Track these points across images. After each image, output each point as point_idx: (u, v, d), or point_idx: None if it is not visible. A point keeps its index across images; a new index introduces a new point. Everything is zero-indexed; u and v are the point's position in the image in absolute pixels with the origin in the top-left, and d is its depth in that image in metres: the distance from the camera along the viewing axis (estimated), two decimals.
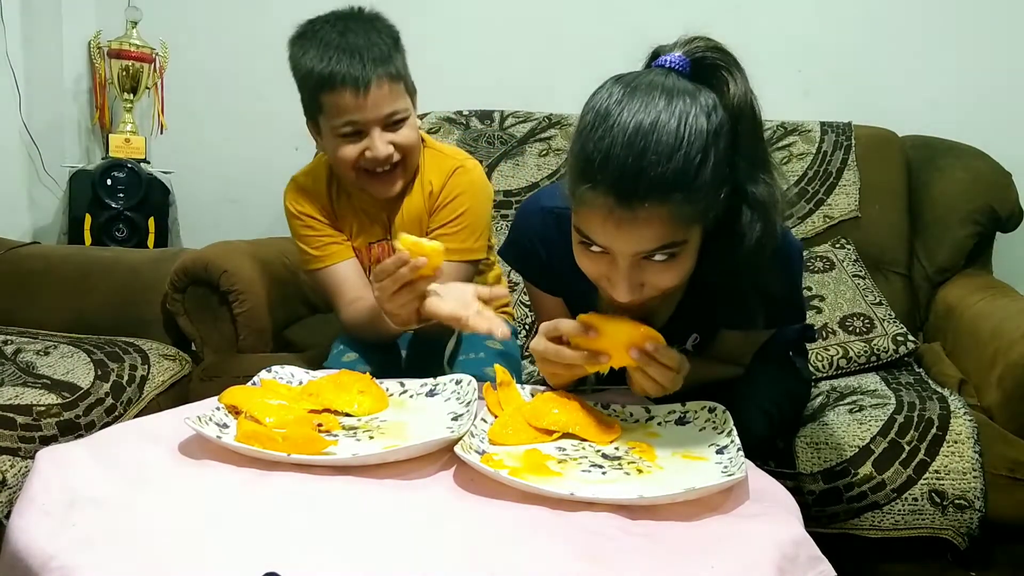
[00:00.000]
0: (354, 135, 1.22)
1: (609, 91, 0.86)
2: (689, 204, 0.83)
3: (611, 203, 0.82)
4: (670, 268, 0.89)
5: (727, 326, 1.08)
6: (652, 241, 0.85)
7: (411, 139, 1.26)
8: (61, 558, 0.59)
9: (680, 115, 0.82)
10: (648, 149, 0.80)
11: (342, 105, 1.20)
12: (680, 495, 0.71)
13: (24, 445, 1.18)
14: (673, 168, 0.81)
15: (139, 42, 2.21)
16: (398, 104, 1.23)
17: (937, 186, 1.87)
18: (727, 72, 0.87)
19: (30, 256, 1.80)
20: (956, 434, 1.23)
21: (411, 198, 1.33)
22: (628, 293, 0.89)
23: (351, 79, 1.18)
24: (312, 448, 0.80)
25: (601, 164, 0.82)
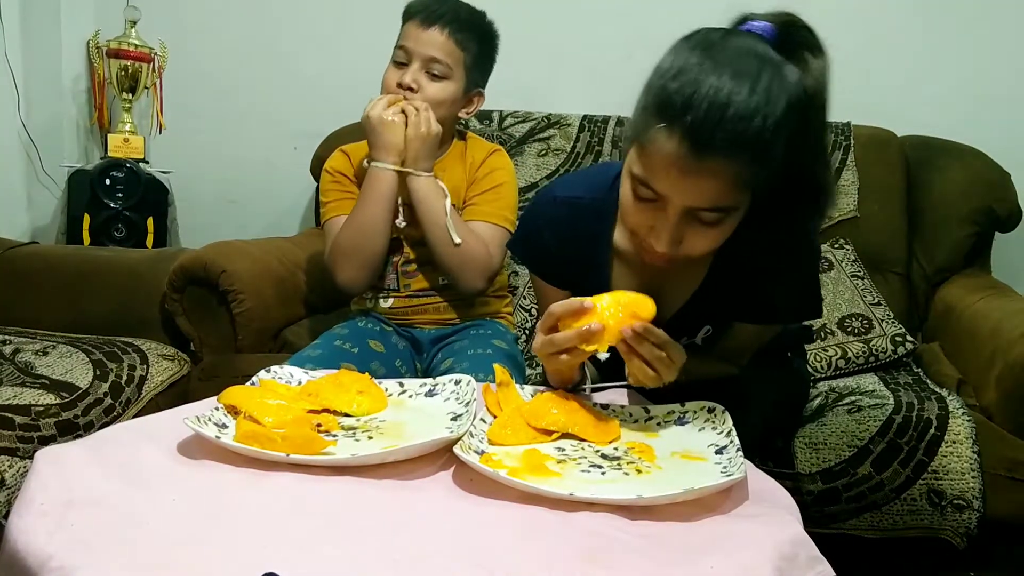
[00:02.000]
0: (403, 64, 1.39)
1: (696, 45, 0.86)
2: (754, 167, 0.84)
3: (683, 148, 0.83)
4: (712, 231, 0.90)
5: (744, 319, 1.08)
6: (710, 197, 0.86)
7: (435, 93, 1.38)
8: (59, 558, 0.59)
9: (768, 80, 0.82)
10: (731, 104, 0.81)
11: (407, 31, 1.39)
12: (679, 495, 0.71)
13: (23, 445, 1.18)
14: (753, 129, 0.81)
15: (138, 42, 2.21)
16: (444, 56, 1.38)
17: (936, 186, 1.88)
18: (810, 52, 0.87)
19: (29, 256, 1.80)
20: (954, 434, 1.23)
21: (450, 170, 1.45)
22: (669, 244, 0.90)
23: (426, 13, 1.38)
24: (311, 448, 0.80)
25: (684, 105, 0.82)
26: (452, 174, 1.45)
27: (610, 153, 1.96)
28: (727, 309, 1.07)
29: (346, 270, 1.40)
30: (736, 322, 1.09)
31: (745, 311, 1.06)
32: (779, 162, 0.86)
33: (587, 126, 2.01)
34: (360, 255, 1.39)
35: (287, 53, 2.31)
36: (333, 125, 2.10)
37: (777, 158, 0.85)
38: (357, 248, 1.38)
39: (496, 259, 1.41)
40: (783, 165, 0.86)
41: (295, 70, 2.31)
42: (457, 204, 1.43)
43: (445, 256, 1.37)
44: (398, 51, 1.40)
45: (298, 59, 2.30)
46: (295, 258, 1.76)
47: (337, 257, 1.40)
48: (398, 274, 1.45)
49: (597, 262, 1.08)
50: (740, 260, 0.97)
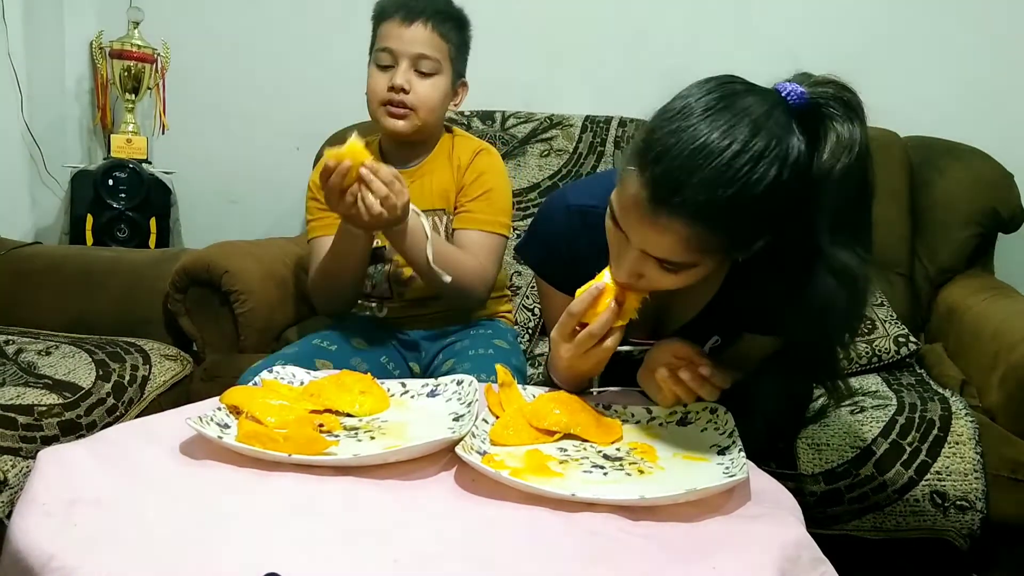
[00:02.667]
0: (387, 68, 1.36)
1: (707, 91, 0.83)
2: (712, 235, 0.82)
3: (643, 196, 0.83)
4: (671, 276, 0.89)
5: (756, 331, 1.07)
6: (663, 250, 0.85)
7: (428, 92, 1.36)
8: (62, 558, 0.59)
9: (753, 155, 0.79)
10: (701, 170, 0.79)
11: (385, 32, 1.36)
12: (681, 496, 0.71)
13: (25, 445, 1.18)
14: (715, 201, 0.79)
15: (141, 42, 2.21)
16: (431, 51, 1.35)
17: (939, 187, 1.87)
18: (838, 128, 0.83)
19: (32, 256, 1.81)
20: (957, 435, 1.23)
21: (437, 171, 1.43)
22: (624, 275, 0.91)
23: (402, 10, 1.35)
24: (313, 448, 0.80)
25: (655, 157, 0.82)
26: (440, 176, 1.43)
27: (612, 154, 1.96)
28: (736, 323, 1.06)
29: (322, 302, 1.44)
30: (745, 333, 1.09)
31: (755, 325, 1.06)
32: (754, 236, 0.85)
33: (589, 127, 2.01)
34: (333, 295, 1.40)
35: (289, 54, 2.31)
36: (335, 125, 2.10)
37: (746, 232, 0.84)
38: (330, 287, 1.38)
39: (491, 270, 1.38)
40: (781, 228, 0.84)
41: (297, 71, 2.31)
42: (447, 208, 1.42)
43: (439, 290, 1.32)
44: (380, 54, 1.36)
45: (300, 60, 2.31)
46: (297, 258, 1.76)
47: (314, 289, 1.42)
48: (391, 283, 1.44)
49: None
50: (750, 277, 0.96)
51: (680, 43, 2.06)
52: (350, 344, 1.34)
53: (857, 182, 0.84)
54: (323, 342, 1.33)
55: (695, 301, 1.06)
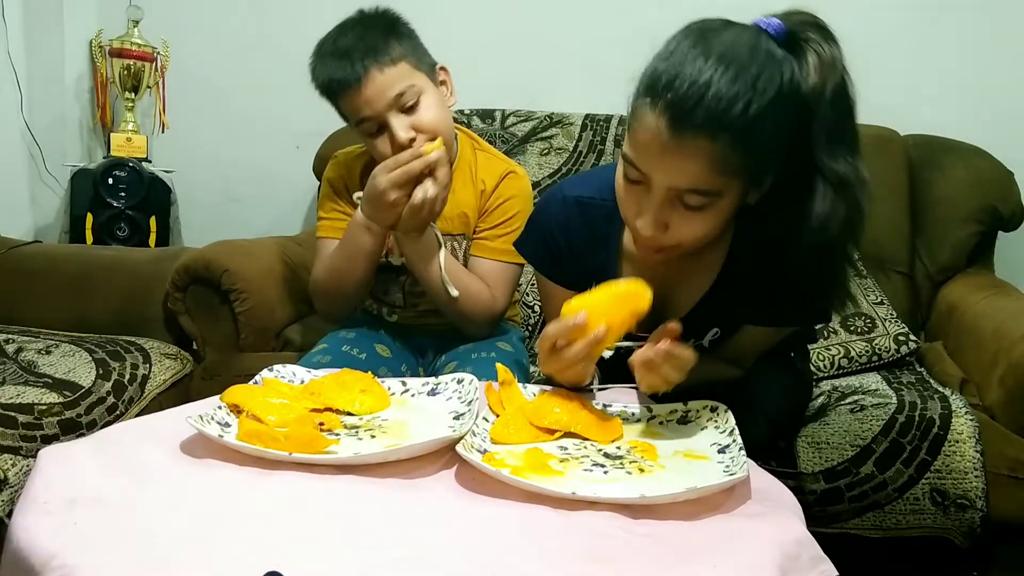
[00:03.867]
0: (379, 131, 1.25)
1: (697, 30, 0.87)
2: (735, 152, 0.84)
3: (662, 124, 0.83)
4: (697, 218, 0.89)
5: (754, 322, 1.08)
6: (689, 178, 0.86)
7: (432, 118, 1.26)
8: (62, 557, 0.59)
9: (757, 70, 0.83)
10: (713, 83, 0.81)
11: (351, 106, 1.25)
12: (682, 494, 0.71)
13: (25, 444, 1.18)
14: (733, 110, 0.81)
15: (141, 41, 2.21)
16: (402, 85, 1.23)
17: (939, 185, 1.87)
18: (818, 50, 0.87)
19: (32, 255, 1.81)
20: (957, 434, 1.23)
21: (459, 191, 1.35)
22: (651, 226, 0.90)
23: (344, 81, 1.23)
24: (314, 447, 0.80)
25: (666, 84, 0.83)
26: (461, 196, 1.35)
27: (612, 152, 1.96)
28: (736, 312, 1.06)
29: (322, 303, 1.40)
30: (745, 324, 1.09)
31: (754, 314, 1.06)
32: (772, 153, 0.86)
33: (589, 125, 2.01)
34: (337, 296, 1.36)
35: (289, 52, 2.29)
36: (335, 124, 2.07)
37: (766, 147, 0.85)
38: (334, 290, 1.35)
39: (501, 301, 1.34)
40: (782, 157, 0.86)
41: (297, 69, 2.28)
42: (467, 233, 1.37)
43: (444, 307, 1.30)
44: (362, 125, 1.26)
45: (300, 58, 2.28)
46: (298, 257, 1.76)
47: (315, 289, 1.38)
48: (404, 294, 1.41)
49: (605, 264, 1.08)
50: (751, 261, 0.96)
51: None
52: (376, 351, 1.33)
53: (844, 98, 0.88)
54: (352, 348, 1.31)
55: (693, 291, 1.06)
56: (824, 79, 0.86)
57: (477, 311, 1.31)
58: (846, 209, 0.87)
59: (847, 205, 0.87)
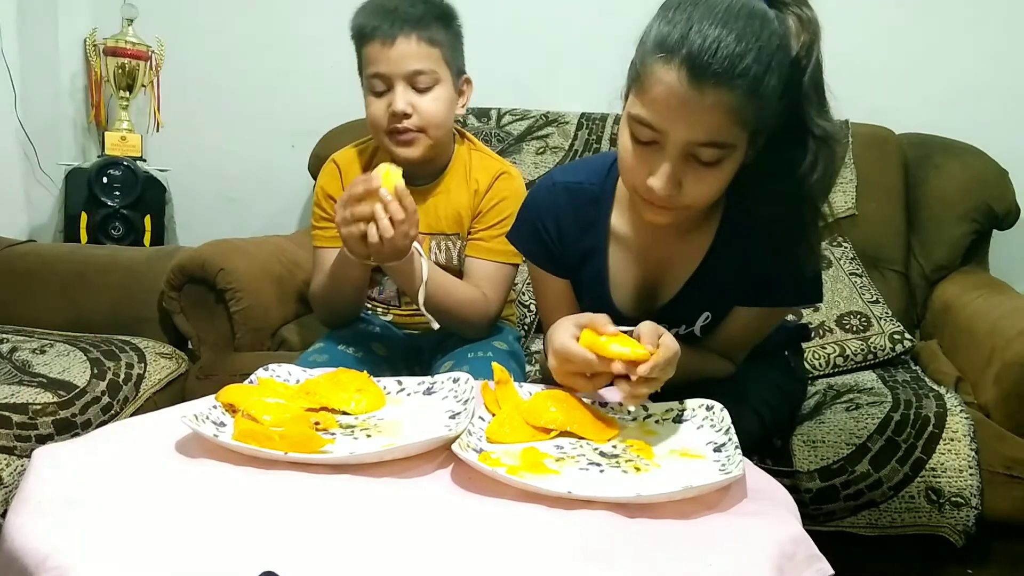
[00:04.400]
0: (383, 92, 1.28)
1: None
2: (751, 102, 0.86)
3: (681, 78, 0.85)
4: (710, 175, 0.91)
5: (744, 302, 1.08)
6: (709, 130, 0.87)
7: (432, 108, 1.28)
8: (57, 558, 0.59)
9: (759, 24, 0.85)
10: (727, 36, 0.84)
11: (371, 56, 1.27)
12: (678, 493, 0.71)
13: (20, 444, 1.17)
14: (747, 61, 0.84)
15: (135, 40, 2.20)
16: (425, 65, 1.26)
17: (934, 184, 1.88)
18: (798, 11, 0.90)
19: (26, 254, 1.80)
20: (952, 432, 1.23)
21: (453, 191, 1.36)
22: (667, 184, 0.90)
23: (381, 31, 1.25)
24: (309, 447, 0.80)
25: (680, 38, 0.85)
26: (455, 196, 1.36)
27: (608, 150, 1.96)
28: (726, 291, 1.07)
29: (321, 315, 1.41)
30: (735, 307, 1.09)
31: (744, 293, 1.06)
32: (774, 104, 0.88)
33: (585, 123, 2.01)
34: (333, 311, 1.38)
35: (284, 51, 2.31)
36: (331, 123, 2.10)
37: (772, 98, 0.87)
38: (329, 306, 1.37)
39: (495, 303, 1.34)
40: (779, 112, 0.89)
41: (292, 68, 2.31)
42: (460, 232, 1.37)
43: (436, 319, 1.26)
44: (372, 80, 1.28)
45: (295, 57, 2.30)
46: (293, 256, 1.76)
47: (313, 303, 1.40)
48: (398, 292, 1.42)
49: (595, 248, 1.08)
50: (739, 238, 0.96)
51: None
52: (372, 351, 1.33)
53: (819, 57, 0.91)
54: (348, 348, 1.31)
55: (683, 269, 1.07)
56: (811, 38, 0.89)
57: (472, 317, 1.31)
58: (827, 162, 0.91)
59: (828, 158, 0.91)
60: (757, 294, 1.05)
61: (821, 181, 0.92)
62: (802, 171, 0.91)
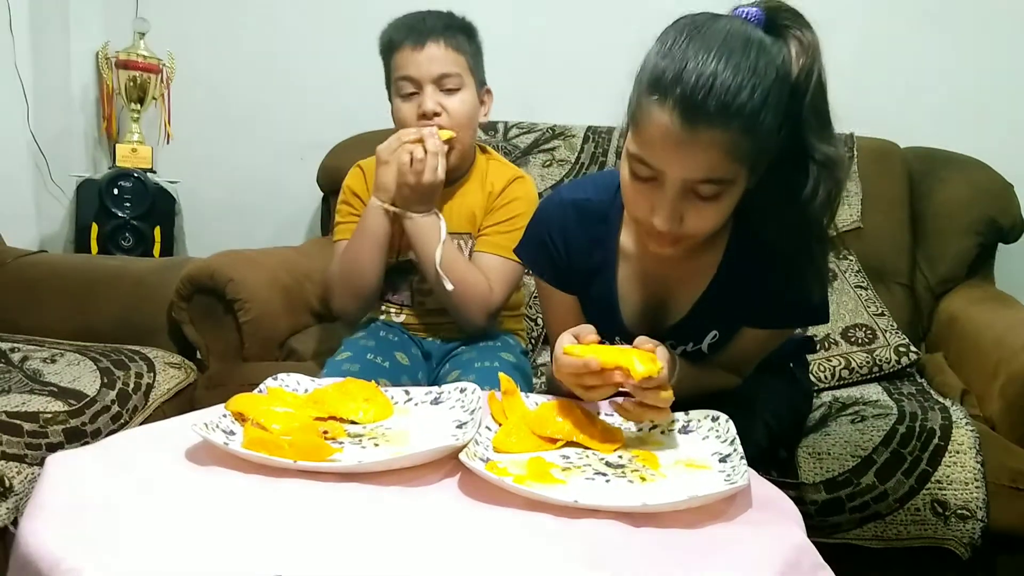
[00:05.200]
0: (411, 96, 1.34)
1: (685, 25, 0.89)
2: (747, 138, 0.86)
3: (676, 119, 0.85)
4: (711, 208, 0.91)
5: (751, 323, 1.08)
6: (705, 168, 0.87)
7: (461, 109, 1.35)
8: (71, 560, 0.60)
9: (755, 56, 0.85)
10: (721, 74, 0.83)
11: (401, 61, 1.34)
12: (683, 502, 0.72)
13: (30, 452, 1.18)
14: (742, 98, 0.84)
15: (146, 53, 2.23)
16: (452, 68, 1.34)
17: (939, 197, 1.88)
18: (798, 34, 0.90)
19: (37, 264, 1.82)
20: (958, 444, 1.23)
21: (469, 194, 1.43)
22: (668, 220, 0.91)
23: (411, 35, 1.34)
24: (318, 455, 0.81)
25: (675, 77, 0.85)
26: (471, 199, 1.42)
27: (614, 163, 1.98)
28: (734, 312, 1.07)
29: (338, 298, 1.43)
30: (743, 327, 1.09)
31: (752, 314, 1.07)
32: (773, 136, 0.88)
33: (591, 137, 2.02)
34: (351, 287, 1.40)
35: (294, 64, 2.33)
36: (339, 136, 2.12)
37: (770, 131, 0.87)
38: (348, 279, 1.39)
39: (498, 295, 1.37)
40: (779, 141, 0.89)
41: (302, 81, 2.33)
42: (472, 231, 1.42)
43: (440, 295, 1.35)
44: (401, 83, 1.35)
45: (305, 70, 2.32)
46: (302, 267, 1.77)
47: (331, 284, 1.43)
48: (412, 291, 1.45)
49: (603, 265, 1.09)
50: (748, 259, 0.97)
51: None
52: (397, 360, 1.35)
53: (822, 81, 0.91)
54: (376, 357, 1.33)
55: (691, 292, 1.07)
56: (811, 61, 0.89)
57: (473, 301, 1.35)
58: (829, 186, 0.91)
59: (831, 183, 0.91)
60: (764, 315, 1.06)
61: (824, 205, 0.92)
62: (804, 196, 0.91)
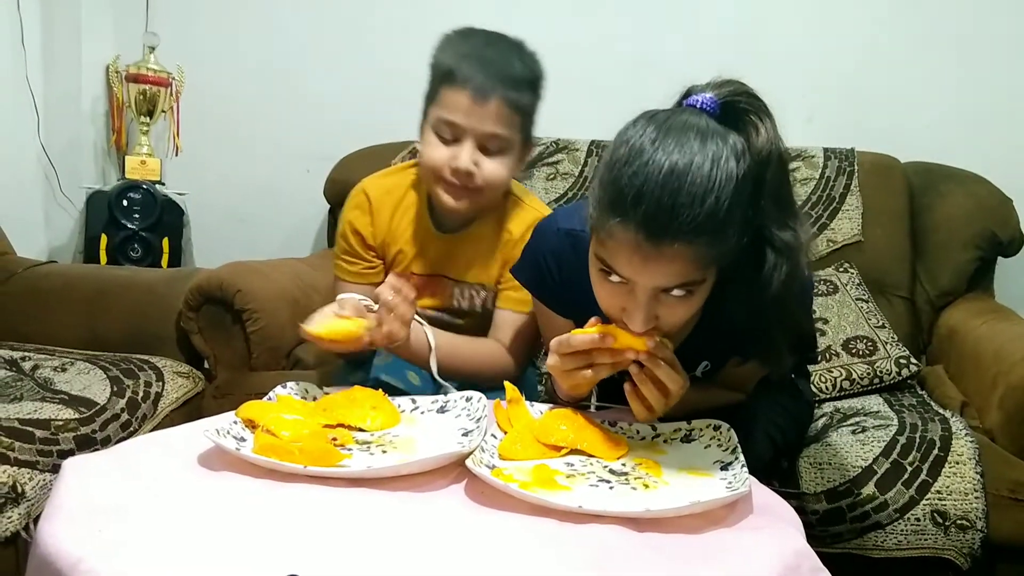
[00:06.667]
0: (450, 141, 1.21)
1: (644, 128, 0.87)
2: (714, 247, 0.85)
3: (640, 239, 0.84)
4: (684, 304, 0.91)
5: (743, 356, 1.09)
6: (674, 277, 0.87)
7: (496, 175, 1.23)
8: (89, 561, 0.62)
9: (713, 158, 0.83)
10: (682, 190, 0.82)
11: (454, 103, 1.19)
12: (685, 508, 0.73)
13: (42, 459, 1.20)
14: (704, 211, 0.82)
15: (156, 67, 2.26)
16: (504, 131, 1.21)
17: (939, 211, 1.90)
18: (756, 117, 0.89)
19: (47, 275, 1.84)
20: (958, 455, 1.24)
21: (482, 240, 1.31)
22: (644, 324, 0.91)
23: (473, 84, 1.18)
24: (327, 461, 0.82)
25: (634, 200, 0.83)
26: (486, 245, 1.30)
27: None
28: (723, 348, 1.08)
29: None
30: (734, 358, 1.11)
31: (743, 350, 1.07)
32: (742, 235, 0.87)
33: (595, 151, 2.05)
34: None
35: (301, 78, 2.36)
36: (346, 149, 2.14)
37: (737, 231, 0.86)
38: None
39: (519, 356, 1.29)
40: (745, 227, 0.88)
41: (308, 95, 2.36)
42: (487, 283, 1.32)
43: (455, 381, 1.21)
44: (442, 125, 1.21)
45: (311, 84, 2.35)
46: (309, 279, 1.79)
47: None
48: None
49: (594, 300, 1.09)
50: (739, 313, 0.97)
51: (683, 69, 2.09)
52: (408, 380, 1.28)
53: (782, 162, 0.90)
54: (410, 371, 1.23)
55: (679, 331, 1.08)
56: (768, 148, 0.87)
57: (492, 372, 1.25)
58: (787, 272, 0.90)
59: (788, 268, 0.90)
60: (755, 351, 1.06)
61: (783, 287, 0.90)
62: (762, 280, 0.90)
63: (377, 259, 1.33)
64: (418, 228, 1.31)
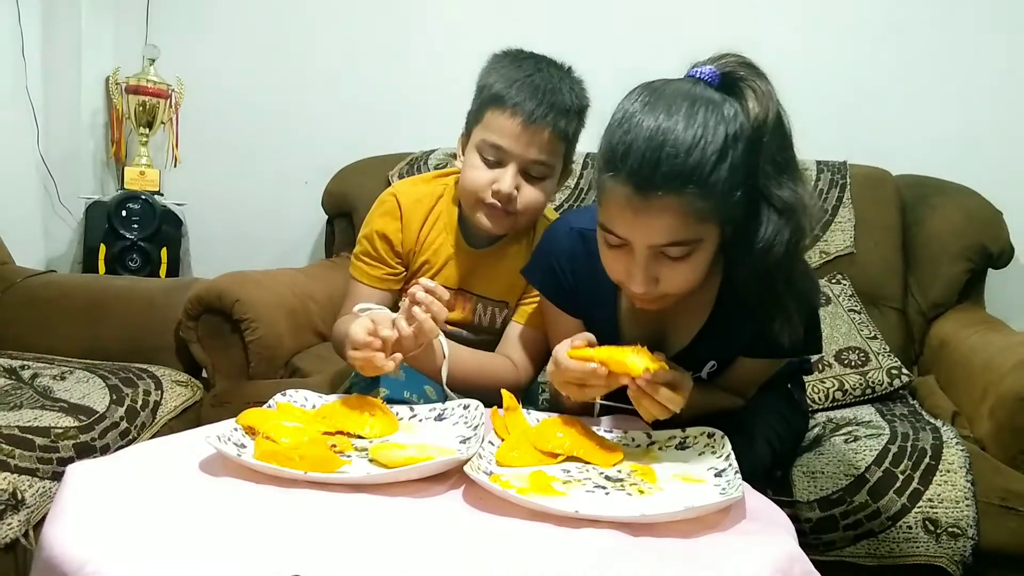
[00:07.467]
0: (494, 164, 1.21)
1: (639, 94, 0.93)
2: (702, 199, 0.89)
3: (629, 191, 0.89)
4: (684, 266, 0.94)
5: (749, 354, 1.11)
6: (666, 233, 0.91)
7: (535, 200, 1.23)
8: (95, 563, 0.63)
9: (701, 118, 0.88)
10: (666, 143, 0.87)
11: (501, 127, 1.19)
12: (680, 513, 0.75)
13: (42, 466, 1.21)
14: (689, 163, 0.87)
15: (156, 79, 2.28)
16: (548, 158, 1.21)
17: (930, 224, 1.92)
18: (753, 85, 0.93)
19: (46, 284, 1.85)
20: (949, 464, 1.26)
21: (510, 257, 1.30)
22: (643, 284, 0.94)
23: (524, 110, 1.17)
24: (327, 467, 0.83)
25: (623, 155, 0.89)
26: (513, 263, 1.27)
27: None
28: (730, 345, 1.10)
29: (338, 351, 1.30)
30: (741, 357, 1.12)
31: (747, 346, 1.10)
32: (735, 191, 0.90)
33: (591, 163, 2.07)
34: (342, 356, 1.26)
35: (299, 90, 2.38)
36: (343, 160, 2.16)
37: (730, 187, 0.90)
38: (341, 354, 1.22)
39: (528, 371, 1.28)
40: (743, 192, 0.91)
41: (306, 106, 2.38)
42: (509, 300, 1.31)
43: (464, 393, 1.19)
44: (487, 148, 1.20)
45: (309, 96, 2.37)
46: (307, 288, 1.80)
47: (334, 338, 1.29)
48: None
49: (606, 297, 1.11)
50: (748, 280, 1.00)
51: None
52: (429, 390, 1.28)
53: (782, 128, 0.94)
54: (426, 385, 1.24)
55: (689, 328, 1.10)
56: (764, 111, 0.92)
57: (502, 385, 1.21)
58: (790, 233, 0.93)
59: (791, 229, 0.93)
60: (758, 348, 1.08)
61: (787, 249, 0.93)
62: (764, 244, 0.93)
63: (401, 267, 1.31)
64: (447, 241, 1.31)
